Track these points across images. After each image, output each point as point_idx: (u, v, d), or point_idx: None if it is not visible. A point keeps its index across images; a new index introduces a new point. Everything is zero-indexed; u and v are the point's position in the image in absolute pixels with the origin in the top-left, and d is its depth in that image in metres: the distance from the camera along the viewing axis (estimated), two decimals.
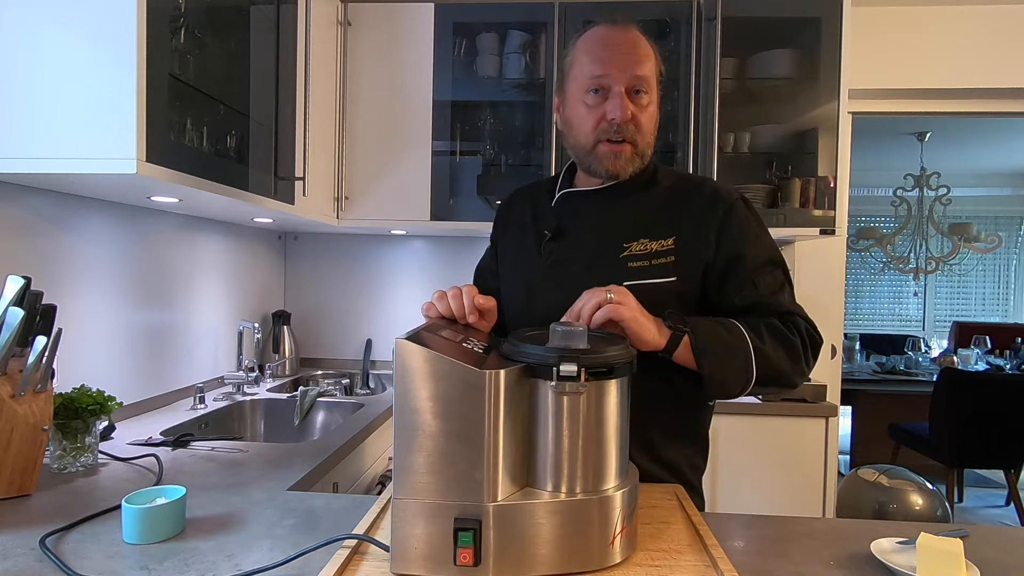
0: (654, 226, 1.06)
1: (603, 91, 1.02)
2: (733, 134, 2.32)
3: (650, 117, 1.05)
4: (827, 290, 2.63)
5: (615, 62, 1.01)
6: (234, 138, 1.61)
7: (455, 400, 0.73)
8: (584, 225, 1.10)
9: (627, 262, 1.04)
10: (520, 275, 1.16)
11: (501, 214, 1.28)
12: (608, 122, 1.02)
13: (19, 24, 1.15)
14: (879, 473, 2.13)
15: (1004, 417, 3.20)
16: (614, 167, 1.05)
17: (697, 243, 1.04)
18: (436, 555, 0.73)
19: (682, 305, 1.02)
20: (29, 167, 1.17)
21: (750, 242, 1.04)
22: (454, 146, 2.38)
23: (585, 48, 1.04)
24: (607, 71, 1.01)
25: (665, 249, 1.04)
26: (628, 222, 1.08)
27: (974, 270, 6.08)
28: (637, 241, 1.05)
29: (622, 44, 1.02)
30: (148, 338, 1.79)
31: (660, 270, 1.03)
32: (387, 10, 2.28)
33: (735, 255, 1.03)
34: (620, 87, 1.01)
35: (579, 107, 1.05)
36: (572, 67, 1.06)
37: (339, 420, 1.98)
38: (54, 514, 0.99)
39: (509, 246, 1.22)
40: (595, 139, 1.04)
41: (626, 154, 1.04)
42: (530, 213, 1.19)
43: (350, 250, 2.70)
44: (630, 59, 1.01)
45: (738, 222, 1.05)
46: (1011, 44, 2.50)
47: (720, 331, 0.97)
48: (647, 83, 1.02)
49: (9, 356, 1.06)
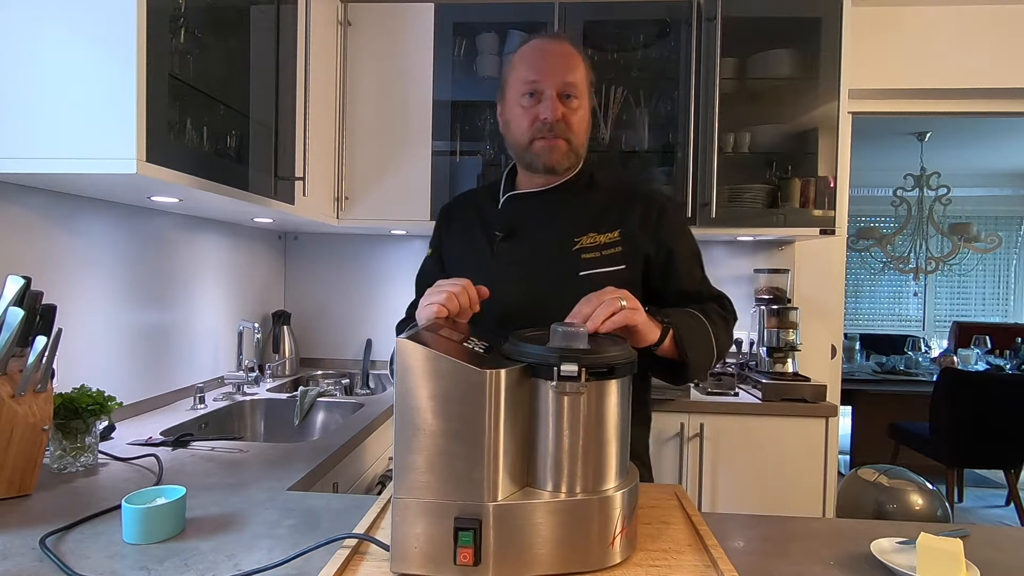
0: (601, 221, 1.17)
1: (537, 94, 1.12)
2: (733, 134, 2.32)
3: (581, 119, 1.15)
4: (827, 290, 2.63)
5: (547, 69, 1.12)
6: (234, 138, 1.61)
7: (456, 399, 0.73)
8: (534, 224, 1.19)
9: (580, 254, 1.15)
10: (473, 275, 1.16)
11: (443, 222, 1.34)
12: (541, 121, 1.12)
13: (19, 24, 1.15)
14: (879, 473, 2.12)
15: (1004, 417, 3.20)
16: (549, 160, 1.15)
17: (639, 237, 1.17)
18: (436, 554, 0.73)
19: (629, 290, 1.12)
20: (29, 167, 1.17)
21: (681, 239, 1.21)
22: (454, 146, 2.38)
23: (522, 57, 1.16)
24: (540, 76, 1.12)
25: (612, 241, 1.15)
26: (576, 218, 1.18)
27: (974, 270, 6.08)
28: (587, 235, 1.16)
29: (554, 54, 1.13)
30: (148, 338, 1.79)
31: (610, 260, 1.14)
32: (387, 10, 2.28)
33: (671, 249, 1.18)
34: (552, 91, 1.11)
35: (516, 108, 1.15)
36: (510, 74, 1.17)
37: (339, 420, 1.98)
38: (54, 514, 0.99)
39: (456, 250, 1.28)
40: (530, 136, 1.14)
41: (561, 148, 1.14)
42: (475, 217, 1.26)
43: (350, 250, 2.70)
44: (561, 67, 1.12)
45: (670, 221, 1.20)
46: (1011, 44, 2.50)
47: (691, 321, 1.09)
48: (577, 89, 1.13)
49: (9, 356, 1.06)
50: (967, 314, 6.21)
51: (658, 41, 2.37)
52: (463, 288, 0.96)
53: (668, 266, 1.19)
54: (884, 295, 6.31)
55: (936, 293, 6.26)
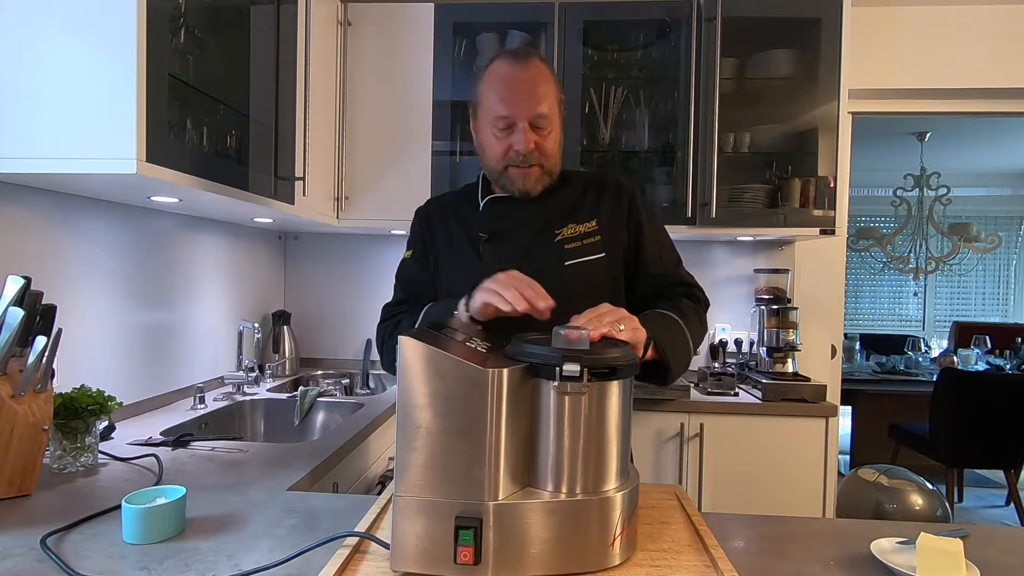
0: (577, 213, 1.21)
1: (509, 127, 1.14)
2: (733, 134, 2.32)
3: (553, 141, 1.18)
4: (827, 290, 2.63)
5: (518, 103, 1.12)
6: (234, 138, 1.61)
7: (458, 398, 0.73)
8: (516, 222, 1.22)
9: (563, 244, 1.18)
10: (462, 277, 1.17)
11: (423, 224, 1.32)
12: (515, 152, 1.14)
13: (20, 25, 1.15)
14: (879, 473, 2.13)
15: (1004, 417, 3.20)
16: (524, 186, 1.18)
17: (614, 224, 1.21)
18: (436, 553, 0.73)
19: (611, 276, 1.20)
20: (29, 167, 1.17)
21: (652, 224, 1.25)
22: (454, 146, 2.38)
23: (491, 86, 1.15)
24: (511, 111, 1.13)
25: (591, 230, 1.19)
26: (555, 212, 1.21)
27: (974, 270, 6.07)
28: (567, 227, 1.19)
29: (524, 84, 1.13)
30: (148, 338, 1.79)
31: (591, 248, 1.18)
32: (387, 10, 2.28)
33: (641, 234, 1.22)
34: (524, 123, 1.13)
35: (489, 136, 1.17)
36: (481, 101, 1.18)
37: (339, 420, 1.98)
38: (54, 514, 0.99)
39: (442, 253, 1.27)
40: (504, 164, 1.16)
41: (534, 175, 1.17)
42: (454, 221, 1.27)
43: (350, 250, 2.70)
44: (531, 98, 1.12)
45: (638, 208, 1.24)
46: (1011, 44, 2.50)
47: (669, 327, 1.10)
48: (547, 119, 1.14)
49: (9, 356, 1.06)
50: (967, 314, 6.21)
51: (658, 41, 2.37)
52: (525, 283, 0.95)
53: (639, 251, 1.23)
54: (884, 295, 6.31)
55: (936, 293, 6.26)
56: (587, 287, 1.15)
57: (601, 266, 1.18)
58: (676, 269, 1.26)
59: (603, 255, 1.18)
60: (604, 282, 1.19)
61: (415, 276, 1.31)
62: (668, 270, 1.25)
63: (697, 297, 1.25)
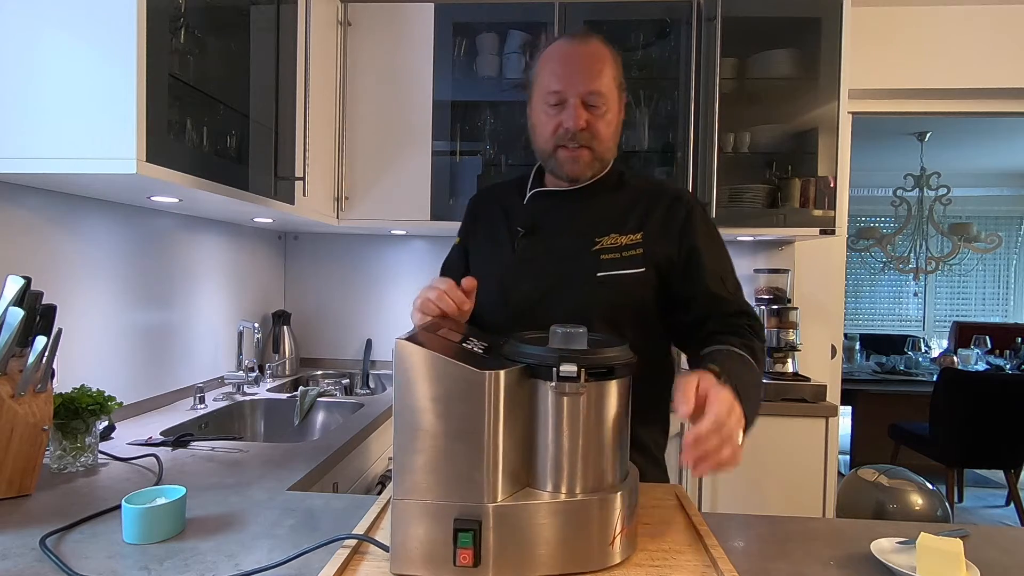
0: (623, 222, 1.14)
1: (560, 102, 1.09)
2: (733, 134, 2.32)
3: (607, 124, 1.11)
4: (827, 290, 2.63)
5: (571, 77, 1.08)
6: (234, 138, 1.61)
7: (455, 400, 0.73)
8: (557, 222, 1.17)
9: (599, 255, 1.12)
10: (493, 270, 1.18)
11: (471, 211, 1.33)
12: (564, 129, 1.09)
13: (20, 24, 1.15)
14: (879, 473, 2.12)
15: (1004, 417, 3.20)
16: (572, 171, 1.13)
17: (662, 239, 1.12)
18: (436, 555, 0.73)
19: (649, 293, 1.12)
20: (29, 167, 1.17)
21: (711, 242, 1.15)
22: (454, 146, 2.38)
23: (547, 63, 1.12)
24: (563, 86, 1.08)
25: (633, 243, 1.12)
26: (599, 219, 1.15)
27: (974, 270, 6.07)
28: (608, 236, 1.13)
29: (579, 59, 1.09)
30: (148, 338, 1.79)
31: (630, 262, 1.11)
32: (387, 10, 2.28)
33: (695, 249, 1.12)
34: (575, 99, 1.08)
35: (541, 115, 1.13)
36: (536, 78, 1.14)
37: (339, 420, 1.98)
38: (54, 514, 0.99)
39: (480, 243, 1.27)
40: (554, 144, 1.12)
41: (584, 159, 1.12)
42: (500, 211, 1.24)
43: (350, 250, 2.70)
44: (586, 74, 1.08)
45: (698, 223, 1.14)
46: (1011, 44, 2.50)
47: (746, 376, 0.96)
48: (602, 96, 1.09)
49: (9, 356, 1.06)
50: (967, 314, 6.21)
51: (658, 41, 2.37)
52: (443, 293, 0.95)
53: (692, 266, 1.12)
54: (884, 295, 6.31)
55: (936, 293, 6.26)
56: (619, 301, 1.09)
57: (639, 281, 1.10)
58: (738, 296, 1.15)
59: (643, 270, 1.10)
60: (639, 298, 1.11)
61: (452, 264, 1.31)
62: (731, 295, 1.13)
63: (758, 332, 1.11)
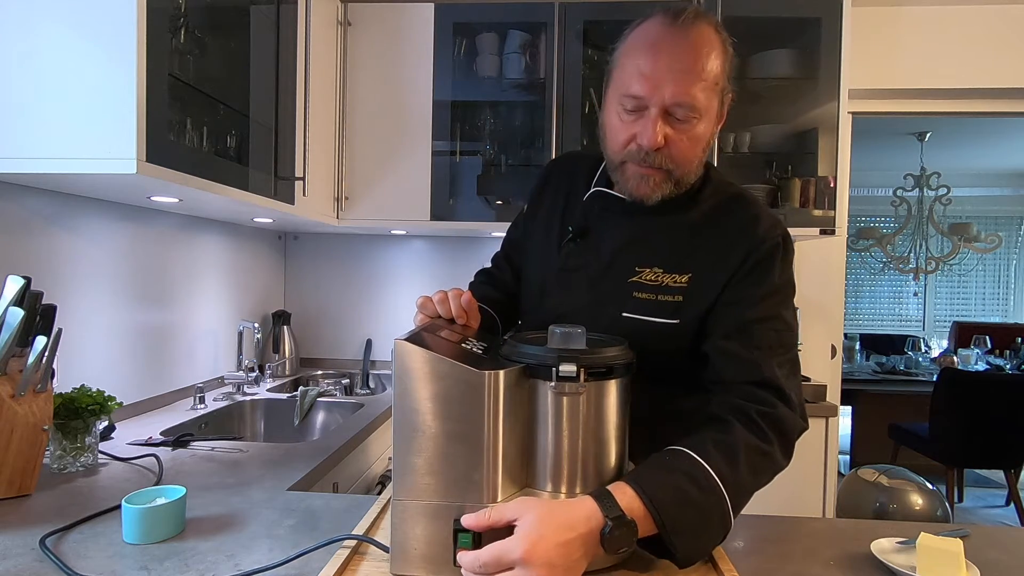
0: (674, 256, 0.94)
1: (638, 110, 0.88)
2: (733, 134, 2.32)
3: (695, 141, 0.88)
4: (827, 290, 2.63)
5: (658, 81, 0.84)
6: (234, 138, 1.61)
7: (455, 401, 0.73)
8: (607, 232, 1.00)
9: (633, 290, 0.94)
10: (537, 269, 1.09)
11: (545, 177, 1.14)
12: (638, 146, 0.89)
13: (19, 24, 1.15)
14: (879, 473, 2.13)
15: (1004, 417, 3.20)
16: (639, 191, 0.92)
17: (710, 285, 0.91)
18: (436, 556, 0.73)
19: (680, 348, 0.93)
20: (29, 167, 1.16)
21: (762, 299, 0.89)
22: (454, 146, 2.38)
23: (632, 51, 0.88)
24: (646, 91, 0.85)
25: (676, 287, 0.92)
26: (649, 245, 0.96)
27: (974, 270, 6.07)
28: (651, 269, 0.94)
29: (674, 55, 0.85)
30: (148, 338, 1.79)
31: (663, 309, 0.92)
32: (387, 10, 2.28)
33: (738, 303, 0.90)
34: (657, 108, 0.86)
35: (613, 117, 0.92)
36: (615, 67, 0.91)
37: (339, 420, 1.98)
38: (54, 514, 0.99)
39: (537, 227, 1.11)
40: (623, 157, 0.91)
41: (655, 179, 0.90)
42: (564, 194, 1.08)
43: (350, 250, 2.70)
44: (677, 77, 0.84)
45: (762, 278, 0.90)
46: (1011, 44, 2.50)
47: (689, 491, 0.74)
48: (695, 108, 0.85)
49: (9, 356, 1.06)
50: (967, 314, 6.21)
51: None
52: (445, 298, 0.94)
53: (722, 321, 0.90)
54: (884, 295, 6.31)
55: (936, 293, 6.26)
56: (645, 347, 0.84)
57: (666, 335, 0.91)
58: (767, 362, 0.85)
59: (675, 323, 0.91)
60: (667, 350, 0.92)
61: (513, 238, 1.21)
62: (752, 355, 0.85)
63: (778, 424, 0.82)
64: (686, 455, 0.77)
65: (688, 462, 0.77)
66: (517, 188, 2.34)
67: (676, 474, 0.75)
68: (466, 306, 0.94)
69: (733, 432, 0.80)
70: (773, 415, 0.82)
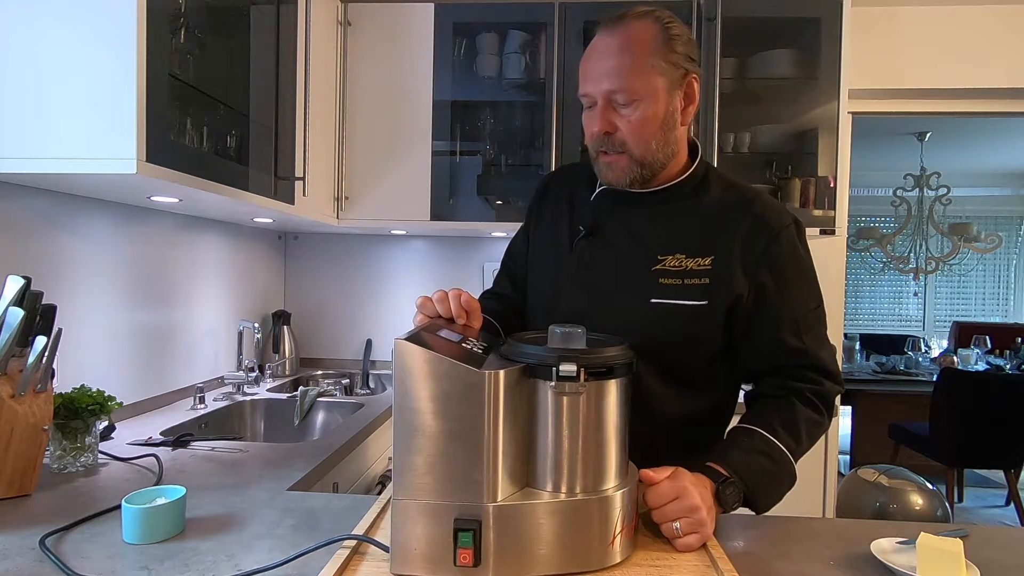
0: (693, 242, 0.99)
1: (591, 107, 1.00)
2: (733, 134, 2.32)
3: (644, 122, 0.96)
4: (827, 290, 2.58)
5: (594, 76, 0.97)
6: (234, 138, 1.61)
7: (455, 400, 0.73)
8: (620, 228, 1.05)
9: (658, 277, 0.99)
10: (548, 273, 1.12)
11: (542, 190, 1.20)
12: (596, 136, 1.00)
13: (19, 24, 1.15)
14: (879, 473, 2.12)
15: (1004, 417, 3.20)
16: (608, 177, 1.02)
17: (735, 268, 0.97)
18: (436, 555, 0.73)
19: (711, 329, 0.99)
20: (29, 167, 1.17)
21: (794, 277, 0.99)
22: (454, 146, 2.38)
23: (583, 60, 1.02)
24: (587, 88, 0.99)
25: (701, 269, 0.97)
26: (667, 233, 1.02)
27: (974, 270, 6.08)
28: (673, 255, 0.99)
29: (606, 53, 0.96)
30: (148, 338, 1.79)
31: (691, 292, 0.97)
32: (387, 10, 2.28)
33: (774, 285, 0.97)
34: (600, 100, 0.97)
35: (583, 118, 1.04)
36: None
37: (339, 420, 1.98)
38: (54, 514, 0.99)
39: (542, 235, 1.16)
40: (594, 150, 1.02)
41: (619, 165, 0.99)
42: (567, 200, 1.13)
43: (350, 250, 2.70)
44: (606, 71, 0.96)
45: (785, 254, 0.98)
46: (1011, 44, 2.50)
47: (766, 465, 0.94)
48: (628, 92, 0.95)
49: (9, 356, 1.06)
50: (967, 314, 6.21)
51: None
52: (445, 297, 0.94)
53: (763, 307, 0.98)
54: (884, 295, 6.31)
55: (936, 293, 6.26)
56: (672, 333, 0.97)
57: (697, 316, 0.97)
58: (815, 346, 0.99)
59: (704, 303, 0.97)
60: (696, 334, 0.99)
61: (515, 251, 1.23)
62: (803, 343, 0.98)
63: (826, 398, 0.99)
64: (760, 435, 0.96)
65: (762, 441, 0.96)
66: (517, 188, 2.34)
67: (754, 453, 0.94)
68: (466, 306, 0.95)
69: (794, 410, 0.98)
70: (822, 391, 1.00)
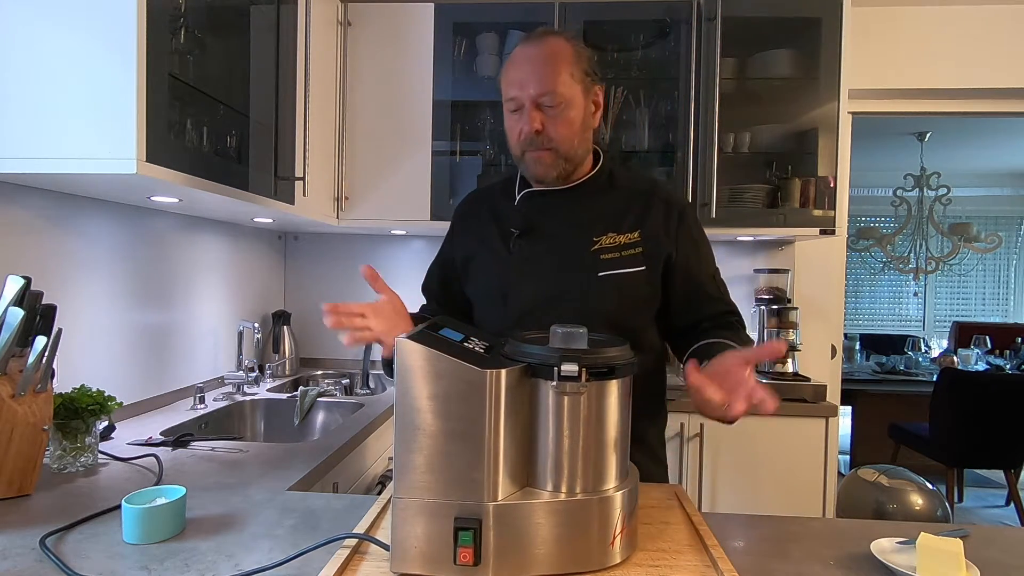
0: (620, 221, 1.15)
1: (518, 109, 1.11)
2: (733, 134, 2.32)
3: (567, 123, 1.10)
4: (827, 290, 2.63)
5: (522, 80, 1.09)
6: (234, 138, 1.61)
7: (456, 399, 0.73)
8: (552, 221, 1.17)
9: (599, 254, 1.13)
10: (490, 276, 1.21)
11: (458, 219, 1.33)
12: (525, 134, 1.11)
13: (19, 24, 1.15)
14: (879, 473, 2.12)
15: (1004, 417, 3.20)
16: (536, 172, 1.14)
17: (660, 238, 1.15)
18: (436, 554, 0.73)
19: (650, 291, 1.15)
20: (29, 167, 1.17)
21: (703, 244, 1.21)
22: (454, 146, 2.38)
23: (507, 69, 1.14)
24: (516, 92, 1.10)
25: (632, 242, 1.14)
26: (595, 218, 1.16)
27: (974, 270, 6.08)
28: (606, 235, 1.14)
29: (532, 61, 1.10)
30: (148, 338, 1.79)
31: (630, 260, 1.13)
32: (387, 10, 2.28)
33: (691, 252, 1.17)
34: (529, 102, 1.09)
35: (506, 121, 1.15)
36: (501, 86, 1.16)
37: (339, 420, 1.98)
38: (54, 514, 0.99)
39: (471, 250, 1.26)
40: (520, 149, 1.13)
41: (546, 160, 1.12)
42: (489, 215, 1.25)
43: (350, 250, 2.70)
44: (537, 77, 1.08)
45: (692, 226, 1.19)
46: (1011, 44, 2.50)
47: None
48: (557, 95, 1.08)
49: (9, 356, 1.06)
50: (967, 314, 6.21)
51: (658, 41, 2.37)
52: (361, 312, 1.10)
53: (692, 271, 1.17)
54: (884, 295, 6.31)
55: (936, 293, 6.26)
56: (622, 300, 1.12)
57: (640, 279, 1.13)
58: (725, 294, 1.22)
59: (643, 268, 1.13)
60: (642, 296, 1.15)
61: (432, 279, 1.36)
62: (723, 294, 1.21)
63: (743, 324, 1.21)
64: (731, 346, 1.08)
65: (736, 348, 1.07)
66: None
67: None
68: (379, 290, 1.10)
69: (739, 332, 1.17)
70: (741, 321, 1.21)
